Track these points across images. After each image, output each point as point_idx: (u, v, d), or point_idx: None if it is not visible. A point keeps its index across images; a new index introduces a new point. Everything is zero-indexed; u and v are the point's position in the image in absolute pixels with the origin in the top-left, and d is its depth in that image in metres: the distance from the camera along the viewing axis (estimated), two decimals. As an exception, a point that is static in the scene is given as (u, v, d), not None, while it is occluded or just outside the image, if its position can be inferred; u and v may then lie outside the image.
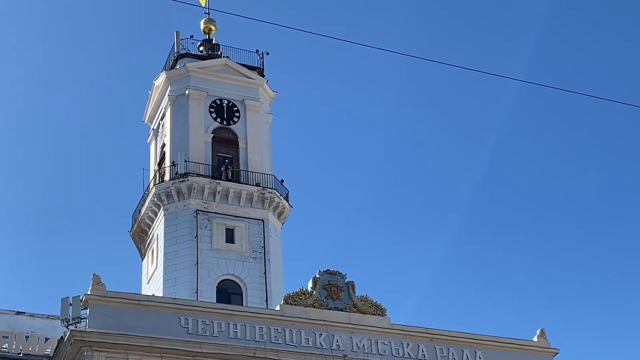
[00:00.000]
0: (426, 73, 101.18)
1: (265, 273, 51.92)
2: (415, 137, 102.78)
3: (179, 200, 52.89)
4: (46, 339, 40.83)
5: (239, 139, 56.20)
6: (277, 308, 40.25)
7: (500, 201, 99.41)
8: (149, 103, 60.58)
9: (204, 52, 59.87)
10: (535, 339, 43.49)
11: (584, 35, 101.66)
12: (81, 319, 37.11)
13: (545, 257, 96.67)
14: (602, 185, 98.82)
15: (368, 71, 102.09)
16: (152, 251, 54.10)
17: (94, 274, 37.28)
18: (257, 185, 54.06)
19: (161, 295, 49.29)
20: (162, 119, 58.34)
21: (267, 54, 60.04)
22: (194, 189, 52.69)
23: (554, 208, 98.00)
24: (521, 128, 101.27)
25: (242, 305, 49.01)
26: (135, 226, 56.03)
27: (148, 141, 60.54)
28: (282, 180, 55.89)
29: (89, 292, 36.93)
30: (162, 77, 58.10)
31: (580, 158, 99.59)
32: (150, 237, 54.67)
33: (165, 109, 57.65)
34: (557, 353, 43.36)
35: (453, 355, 41.32)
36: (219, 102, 56.93)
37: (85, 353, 35.52)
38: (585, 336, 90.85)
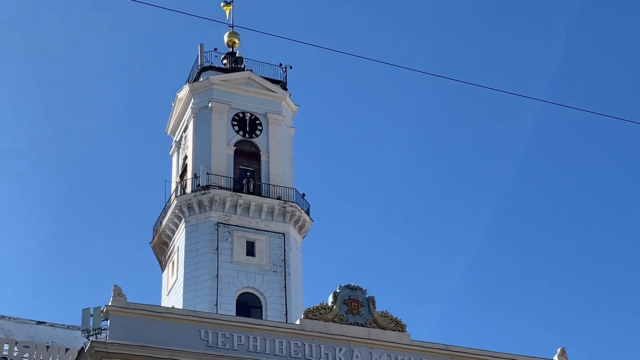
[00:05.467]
0: (448, 91, 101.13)
1: (285, 287, 51.97)
2: (437, 153, 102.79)
3: (200, 213, 53.03)
4: (66, 350, 40.79)
5: (260, 152, 56.34)
6: (297, 322, 40.21)
7: (521, 218, 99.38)
8: (171, 115, 60.80)
9: (228, 65, 60.07)
10: (555, 358, 43.27)
11: (608, 56, 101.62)
12: (102, 329, 37.20)
13: (567, 275, 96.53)
14: (627, 207, 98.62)
15: (390, 88, 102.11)
16: (173, 263, 54.20)
17: (115, 285, 37.33)
18: (279, 198, 54.15)
19: (181, 307, 49.38)
20: (184, 131, 58.54)
21: (291, 67, 60.27)
22: (216, 201, 52.81)
23: (576, 226, 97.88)
24: (543, 146, 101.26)
25: (261, 318, 49.07)
26: (156, 238, 56.17)
27: (170, 153, 60.74)
28: (304, 194, 55.98)
29: (109, 303, 36.94)
30: (186, 89, 58.32)
31: (602, 178, 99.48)
32: (171, 248, 54.78)
33: (188, 121, 57.84)
34: (577, 372, 43.17)
35: (473, 372, 41.18)
36: (241, 115, 57.10)
37: (105, 364, 35.61)
38: (605, 356, 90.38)
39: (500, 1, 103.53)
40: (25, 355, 40.11)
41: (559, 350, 43.49)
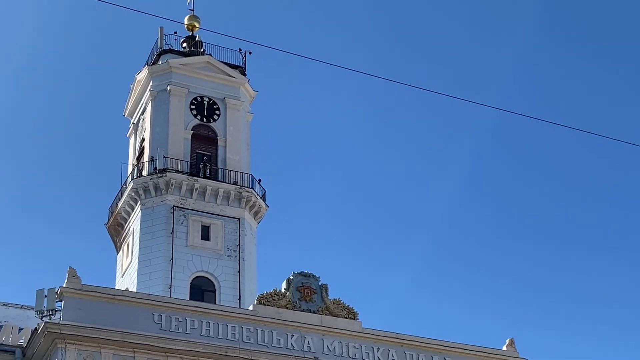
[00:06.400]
0: (402, 94, 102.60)
1: (239, 271, 52.18)
2: (393, 143, 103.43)
3: (156, 196, 53.09)
4: (20, 329, 40.86)
5: (218, 137, 56.43)
6: (250, 308, 40.56)
7: (474, 213, 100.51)
8: (130, 97, 60.69)
9: (187, 49, 60.04)
10: (504, 348, 43.98)
11: (563, 65, 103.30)
12: (55, 311, 37.28)
13: (515, 267, 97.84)
14: (575, 209, 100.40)
15: (347, 86, 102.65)
16: (128, 245, 54.25)
17: (70, 267, 37.47)
18: (235, 183, 54.30)
19: (135, 289, 49.54)
20: (142, 113, 58.49)
21: (250, 53, 60.19)
22: (172, 185, 52.88)
23: (525, 223, 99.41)
24: (495, 149, 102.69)
25: (214, 302, 49.35)
26: (111, 219, 56.14)
27: (127, 135, 60.67)
28: (260, 180, 56.20)
29: (64, 285, 37.12)
30: (144, 72, 58.23)
31: (551, 182, 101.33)
32: (126, 231, 54.82)
33: (146, 103, 57.81)
34: (525, 363, 43.91)
35: (422, 360, 41.77)
36: (199, 99, 57.13)
37: (58, 345, 35.73)
38: (553, 347, 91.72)
39: (456, 7, 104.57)
40: (-23, 335, 40.04)
41: (507, 340, 44.22)
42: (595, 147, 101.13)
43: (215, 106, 57.27)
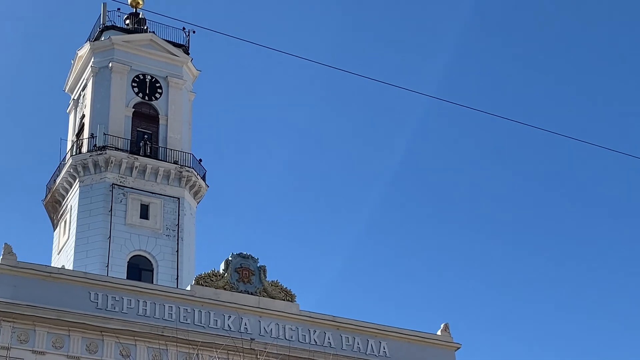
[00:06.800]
0: (342, 81, 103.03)
1: (177, 251, 51.98)
2: (333, 128, 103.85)
3: (95, 173, 52.65)
4: (-47, 306, 40.42)
5: (159, 116, 56.09)
6: (188, 288, 40.51)
7: (408, 197, 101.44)
8: (70, 72, 60.03)
9: (130, 26, 59.51)
10: (438, 332, 44.42)
11: (496, 56, 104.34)
12: (-10, 288, 36.91)
13: (450, 253, 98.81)
14: (501, 192, 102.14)
15: (290, 65, 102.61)
16: (65, 222, 53.75)
17: (5, 244, 37.16)
18: (175, 162, 54.05)
19: (71, 266, 49.14)
20: (83, 89, 57.92)
21: (194, 32, 59.89)
22: (111, 162, 52.48)
23: (457, 208, 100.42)
24: (429, 137, 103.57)
25: (152, 282, 49.14)
26: (49, 196, 55.58)
27: (67, 111, 60.07)
28: (200, 160, 56.02)
29: (-1, 262, 36.80)
30: (86, 47, 57.63)
31: (480, 168, 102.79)
32: (64, 207, 54.31)
33: (87, 80, 57.24)
34: (459, 348, 44.35)
35: (358, 344, 42.03)
36: (141, 77, 56.72)
37: (-9, 322, 35.46)
38: (487, 332, 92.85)
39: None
40: None
41: (442, 325, 44.65)
42: (529, 136, 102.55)
43: (158, 84, 56.90)
